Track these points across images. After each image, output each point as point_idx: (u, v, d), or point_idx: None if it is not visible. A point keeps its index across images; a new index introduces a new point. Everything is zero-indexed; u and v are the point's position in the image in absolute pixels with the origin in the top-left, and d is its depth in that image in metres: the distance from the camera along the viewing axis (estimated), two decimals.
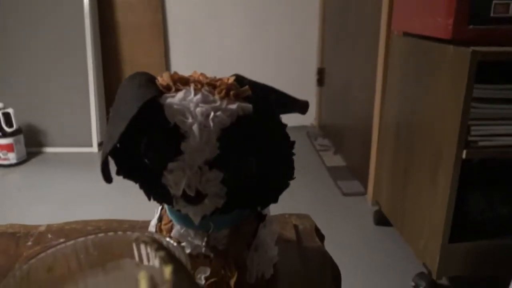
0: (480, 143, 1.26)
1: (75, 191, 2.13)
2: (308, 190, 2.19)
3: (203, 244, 0.39)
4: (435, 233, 1.35)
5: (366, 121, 2.05)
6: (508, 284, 1.13)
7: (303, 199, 2.09)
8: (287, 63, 2.95)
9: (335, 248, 1.68)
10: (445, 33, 1.26)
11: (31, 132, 2.57)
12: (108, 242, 0.31)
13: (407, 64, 1.58)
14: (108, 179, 0.36)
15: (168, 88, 0.36)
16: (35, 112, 2.55)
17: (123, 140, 0.37)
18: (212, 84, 0.37)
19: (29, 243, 0.49)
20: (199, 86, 0.36)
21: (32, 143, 2.57)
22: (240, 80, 0.38)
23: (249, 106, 0.36)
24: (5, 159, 2.37)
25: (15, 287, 0.28)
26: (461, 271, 1.37)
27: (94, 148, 2.63)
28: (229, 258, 0.39)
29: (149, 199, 0.39)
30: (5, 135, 2.34)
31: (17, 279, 0.28)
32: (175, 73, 0.37)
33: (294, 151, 0.40)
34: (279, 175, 0.39)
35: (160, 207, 0.43)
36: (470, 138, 1.25)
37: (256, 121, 0.36)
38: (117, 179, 0.38)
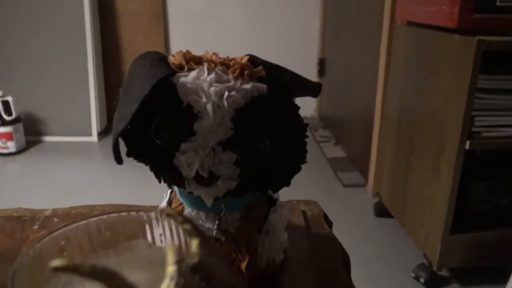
0: (484, 134, 1.25)
1: (75, 180, 2.12)
2: (309, 181, 2.19)
3: (215, 227, 0.38)
4: (436, 224, 1.35)
5: (367, 111, 2.04)
6: (509, 275, 1.13)
7: (303, 190, 2.08)
8: (287, 52, 2.94)
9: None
10: (450, 22, 1.24)
11: (31, 120, 2.56)
12: (121, 223, 0.31)
13: (410, 53, 1.57)
14: (119, 160, 0.36)
15: (180, 67, 0.35)
16: (35, 101, 2.54)
17: (135, 121, 0.36)
18: (226, 64, 0.36)
19: (35, 226, 0.48)
20: (212, 65, 0.35)
21: (31, 131, 2.56)
22: (253, 60, 0.37)
23: (263, 86, 0.35)
24: (4, 147, 2.36)
25: (28, 266, 0.27)
26: (462, 262, 1.37)
27: (94, 138, 2.62)
28: (240, 242, 0.39)
29: (160, 181, 0.38)
30: (4, 123, 2.33)
31: (30, 258, 0.28)
32: (188, 51, 0.36)
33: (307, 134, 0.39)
34: (292, 157, 0.38)
35: (169, 191, 0.43)
36: (473, 129, 1.24)
37: (270, 101, 0.35)
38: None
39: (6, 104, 2.32)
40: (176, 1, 2.73)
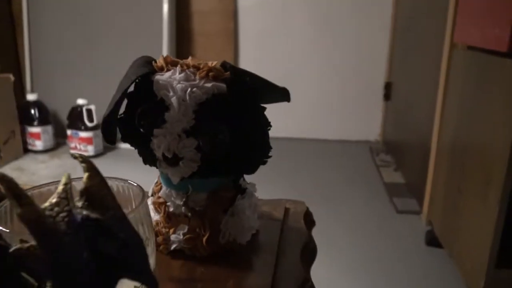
0: None
1: (144, 185, 2.31)
2: (361, 204, 2.17)
3: (182, 204, 0.45)
4: (482, 256, 1.29)
5: (425, 137, 1.99)
6: None
7: (354, 213, 2.08)
8: (354, 75, 2.95)
9: (381, 265, 1.66)
10: (502, 45, 1.21)
11: None
12: None
13: (466, 78, 1.53)
14: (108, 141, 0.44)
15: (161, 69, 0.44)
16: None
17: (126, 111, 0.45)
18: (197, 67, 0.43)
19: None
20: (185, 67, 0.43)
21: None
22: (224, 65, 0.44)
23: (223, 86, 0.42)
24: (84, 150, 2.64)
25: (4, 215, 0.34)
26: None
27: None
28: (204, 219, 0.45)
29: (144, 163, 0.46)
30: (86, 129, 2.61)
31: (6, 208, 0.35)
32: (168, 56, 0.44)
33: (273, 133, 0.45)
34: (252, 149, 0.44)
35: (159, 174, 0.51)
36: None
37: (229, 99, 0.42)
38: None
39: (89, 112, 2.60)
40: (247, 21, 2.88)
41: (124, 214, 0.25)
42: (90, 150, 2.64)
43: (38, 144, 2.72)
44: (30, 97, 2.69)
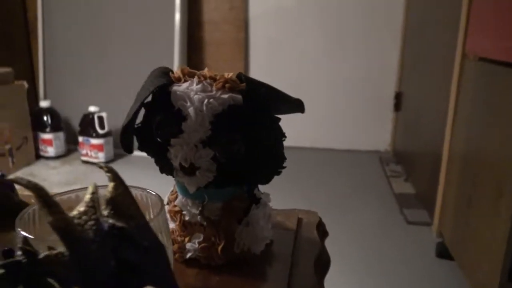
0: None
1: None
2: (371, 215, 2.16)
3: (198, 213, 0.46)
4: (494, 269, 1.28)
5: (436, 148, 1.98)
6: None
7: (365, 223, 2.07)
8: (364, 85, 2.95)
9: (392, 277, 1.65)
10: None
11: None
12: None
13: (478, 89, 1.53)
14: (126, 149, 0.45)
15: (179, 79, 0.44)
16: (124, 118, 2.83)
17: (144, 121, 0.46)
18: (214, 78, 0.44)
19: None
20: (202, 78, 0.44)
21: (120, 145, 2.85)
22: (240, 76, 0.44)
23: (239, 97, 0.42)
24: (95, 157, 2.66)
25: (35, 217, 0.37)
26: None
27: None
28: (219, 228, 0.46)
29: (161, 172, 0.47)
30: (98, 136, 2.63)
31: (37, 209, 0.37)
32: (186, 67, 0.45)
33: (284, 143, 0.45)
34: (267, 160, 0.45)
35: (174, 183, 0.51)
36: None
37: (244, 110, 0.42)
38: None
39: (100, 119, 2.63)
40: (258, 30, 2.90)
41: (147, 223, 0.26)
42: (100, 157, 2.66)
43: (50, 151, 2.75)
44: (43, 104, 2.73)
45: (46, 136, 2.73)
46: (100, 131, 2.64)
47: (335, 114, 3.01)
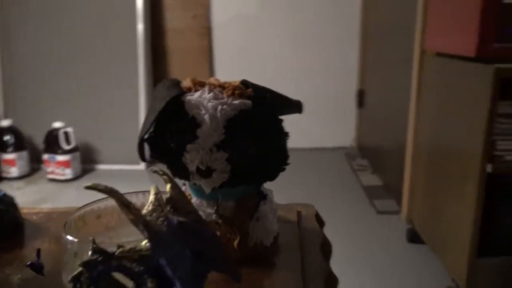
0: (507, 157, 1.28)
1: None
2: (342, 208, 2.24)
3: (213, 212, 0.49)
4: (463, 247, 1.37)
5: (400, 141, 2.09)
6: None
7: (337, 216, 2.14)
8: (328, 84, 3.05)
9: (367, 264, 1.72)
10: (471, 51, 1.31)
11: (87, 150, 2.80)
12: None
13: (438, 83, 1.63)
14: (143, 158, 0.48)
15: (189, 89, 0.48)
16: (91, 132, 2.79)
17: (156, 130, 0.49)
18: (222, 86, 0.48)
19: None
20: (212, 87, 0.47)
21: (87, 160, 2.80)
22: (245, 83, 0.48)
23: (249, 102, 0.46)
24: (62, 174, 2.60)
25: (74, 225, 0.39)
26: (488, 286, 1.37)
27: (142, 166, 2.82)
28: (234, 225, 0.49)
29: (174, 176, 0.50)
30: (64, 152, 2.58)
31: (75, 219, 0.40)
32: (195, 78, 0.49)
33: (288, 142, 0.50)
34: (274, 158, 0.49)
35: (183, 187, 0.54)
36: (495, 153, 1.28)
37: (254, 114, 0.46)
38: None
39: (66, 135, 2.58)
40: (222, 38, 2.94)
41: (201, 217, 0.29)
42: (68, 173, 2.61)
43: (13, 171, 2.67)
44: (4, 123, 2.64)
45: (8, 156, 2.64)
46: (66, 147, 2.58)
47: (300, 115, 3.09)
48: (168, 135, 0.47)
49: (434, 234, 1.62)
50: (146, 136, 0.48)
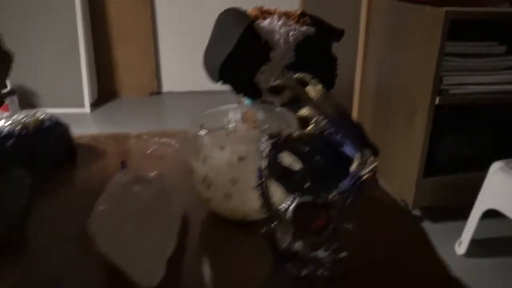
0: (451, 91, 1.47)
1: None
2: None
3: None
4: (412, 170, 1.58)
5: (348, 82, 2.24)
6: (470, 212, 1.38)
7: None
8: None
9: None
10: None
11: (26, 93, 2.65)
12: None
13: (387, 24, 1.77)
14: (226, 80, 0.54)
15: (256, 17, 0.53)
16: (29, 75, 2.62)
17: (230, 55, 0.54)
18: (286, 14, 0.54)
19: (133, 141, 0.65)
20: (279, 15, 0.53)
21: (25, 104, 2.64)
22: (304, 13, 0.55)
23: (312, 29, 0.53)
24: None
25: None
26: (432, 201, 1.61)
27: (87, 109, 2.73)
28: None
29: (244, 95, 0.56)
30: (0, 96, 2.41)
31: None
32: (262, 7, 0.54)
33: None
34: (329, 75, 0.57)
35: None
36: (442, 87, 1.46)
37: (316, 38, 0.53)
38: None
39: None
40: None
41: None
42: None
43: None
44: None
45: None
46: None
47: None
48: (242, 58, 0.53)
49: (383, 164, 1.82)
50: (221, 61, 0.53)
